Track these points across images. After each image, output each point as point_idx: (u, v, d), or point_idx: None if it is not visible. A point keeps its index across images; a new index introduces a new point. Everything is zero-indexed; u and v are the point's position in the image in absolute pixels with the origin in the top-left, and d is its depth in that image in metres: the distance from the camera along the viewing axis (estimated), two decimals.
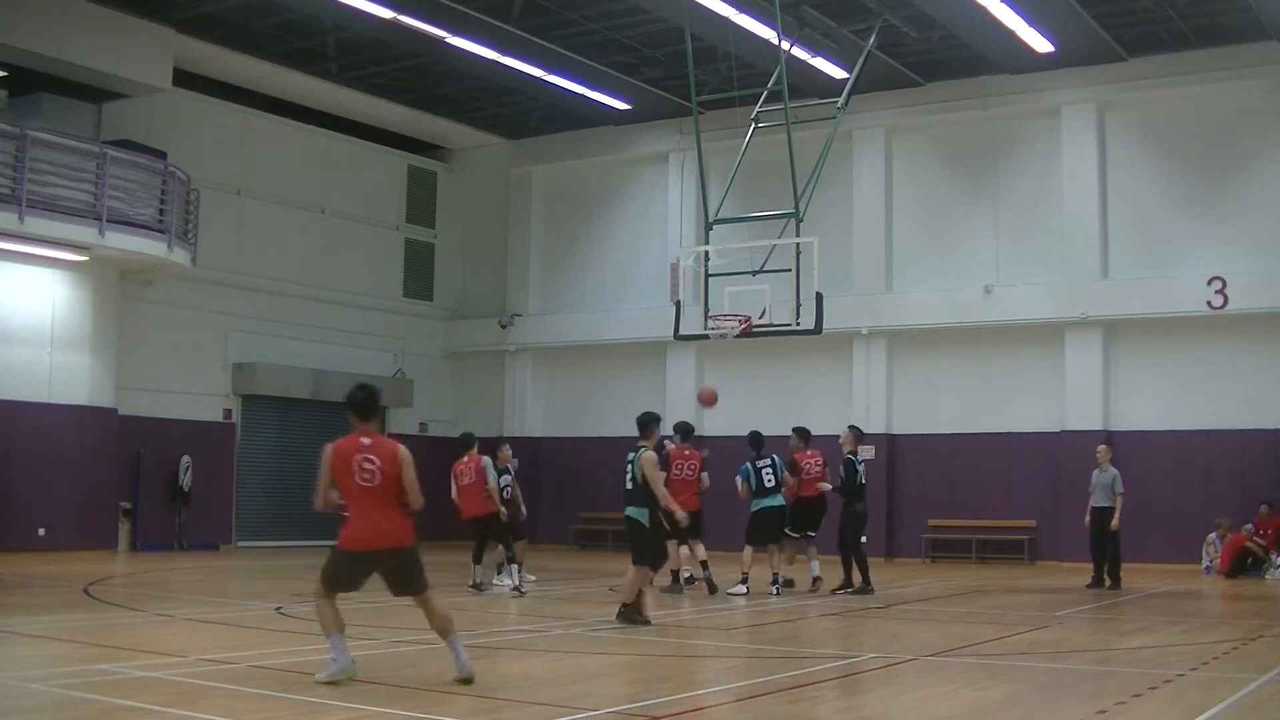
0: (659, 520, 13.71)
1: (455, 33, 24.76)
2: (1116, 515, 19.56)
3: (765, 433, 28.19)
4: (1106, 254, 26.09)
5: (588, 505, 30.66)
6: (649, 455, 13.56)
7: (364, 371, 30.17)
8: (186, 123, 27.13)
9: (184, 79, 26.09)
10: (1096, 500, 19.83)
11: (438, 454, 31.89)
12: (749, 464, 17.81)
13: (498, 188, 33.33)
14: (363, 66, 27.90)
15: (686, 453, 17.80)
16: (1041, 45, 24.56)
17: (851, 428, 18.93)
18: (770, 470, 17.85)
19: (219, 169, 27.67)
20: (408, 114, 30.74)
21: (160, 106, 26.32)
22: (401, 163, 32.65)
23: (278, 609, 14.15)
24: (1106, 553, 19.78)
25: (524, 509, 19.74)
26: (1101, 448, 20.42)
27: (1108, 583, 19.65)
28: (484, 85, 28.88)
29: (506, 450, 19.38)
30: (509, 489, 18.69)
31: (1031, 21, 23.50)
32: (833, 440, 19.99)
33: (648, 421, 13.95)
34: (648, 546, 13.65)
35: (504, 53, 25.82)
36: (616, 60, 26.94)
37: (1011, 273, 26.81)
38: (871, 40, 23.33)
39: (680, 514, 14.33)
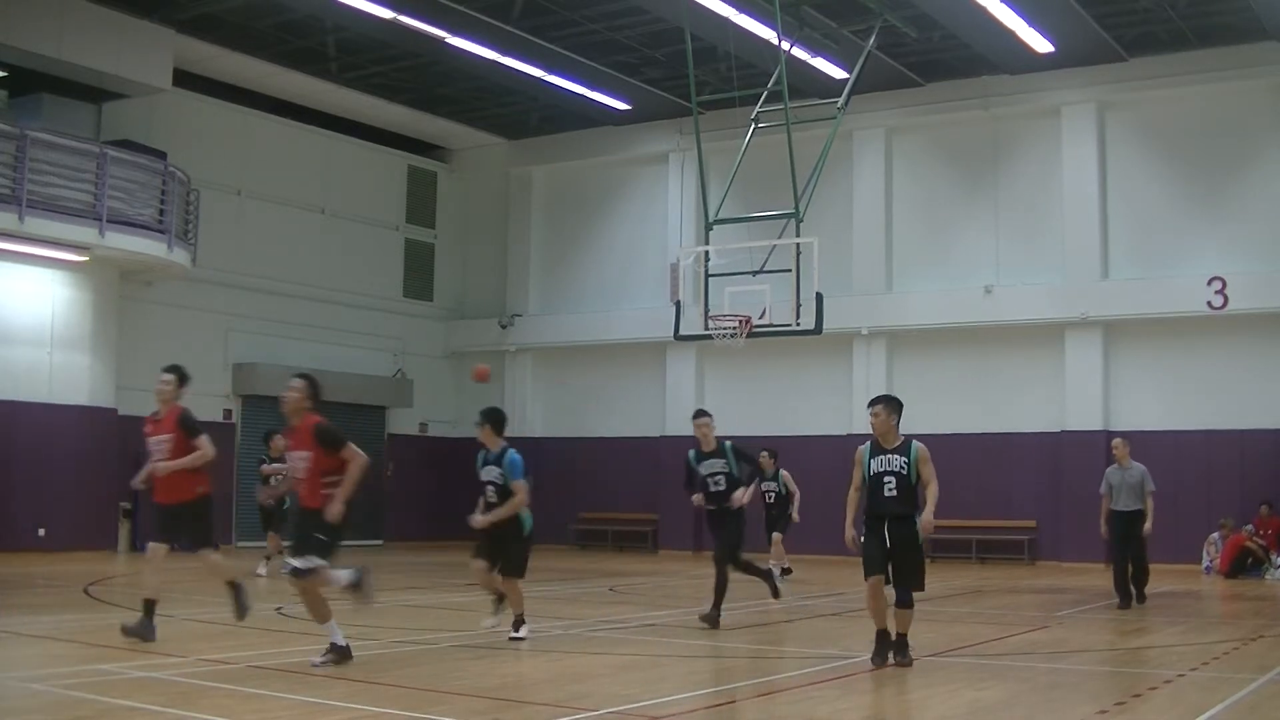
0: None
1: (455, 33, 24.75)
2: (1149, 519, 16.51)
3: (768, 433, 28.41)
4: (1106, 254, 26.09)
5: (588, 505, 30.68)
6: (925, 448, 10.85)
7: (364, 372, 30.25)
8: (186, 123, 27.13)
9: (184, 79, 26.09)
10: (1120, 503, 16.60)
11: (438, 454, 32.06)
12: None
13: (498, 188, 33.33)
14: (363, 66, 27.90)
15: None
16: (1041, 45, 24.56)
17: (708, 414, 14.24)
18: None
19: (219, 169, 27.67)
20: (408, 114, 30.74)
21: (160, 107, 26.32)
22: (401, 163, 32.65)
23: (277, 609, 14.15)
24: (1132, 561, 16.64)
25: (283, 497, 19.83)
26: (1118, 442, 17.17)
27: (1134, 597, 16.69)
28: (484, 85, 28.87)
29: (280, 441, 19.61)
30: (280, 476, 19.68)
31: (1031, 21, 23.50)
32: (836, 440, 20.03)
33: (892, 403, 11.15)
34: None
35: (504, 53, 25.82)
36: (616, 60, 26.94)
37: (1011, 273, 26.81)
38: (871, 40, 23.34)
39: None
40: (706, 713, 8.63)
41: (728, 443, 13.72)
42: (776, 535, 20.29)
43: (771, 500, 20.25)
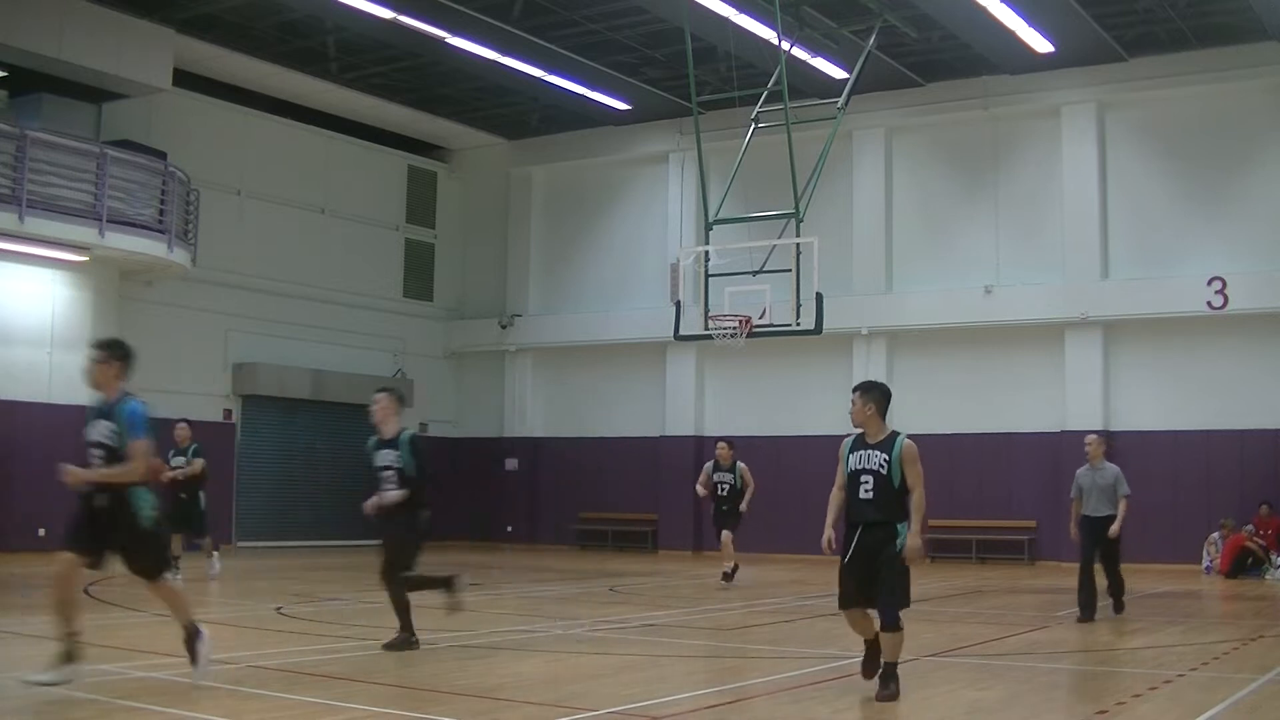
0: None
1: (455, 33, 24.75)
2: (1118, 521, 14.83)
3: (768, 433, 28.36)
4: (1106, 254, 26.10)
5: (588, 505, 30.68)
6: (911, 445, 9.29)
7: (364, 372, 30.26)
8: (186, 123, 27.11)
9: (184, 79, 26.07)
10: (1090, 507, 15.06)
11: (439, 453, 32.05)
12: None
13: (498, 188, 33.32)
14: (363, 66, 27.89)
15: None
16: (1041, 45, 24.56)
17: (388, 391, 11.83)
18: None
19: (219, 169, 27.66)
20: (408, 114, 30.73)
21: (160, 107, 26.30)
22: (401, 163, 32.64)
23: (278, 609, 14.16)
24: (1106, 570, 15.09)
25: (202, 497, 19.38)
26: (1092, 438, 15.58)
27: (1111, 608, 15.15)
28: (484, 85, 28.87)
29: (184, 429, 19.31)
30: (182, 471, 18.91)
31: (1031, 22, 23.50)
32: (835, 440, 19.91)
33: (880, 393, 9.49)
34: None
35: (504, 53, 25.83)
36: (616, 60, 26.93)
37: (1012, 273, 26.81)
38: (871, 40, 23.34)
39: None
40: (706, 713, 8.63)
41: (407, 432, 11.42)
42: (726, 534, 19.07)
43: (724, 494, 19.07)
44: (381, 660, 10.56)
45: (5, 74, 24.49)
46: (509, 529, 31.74)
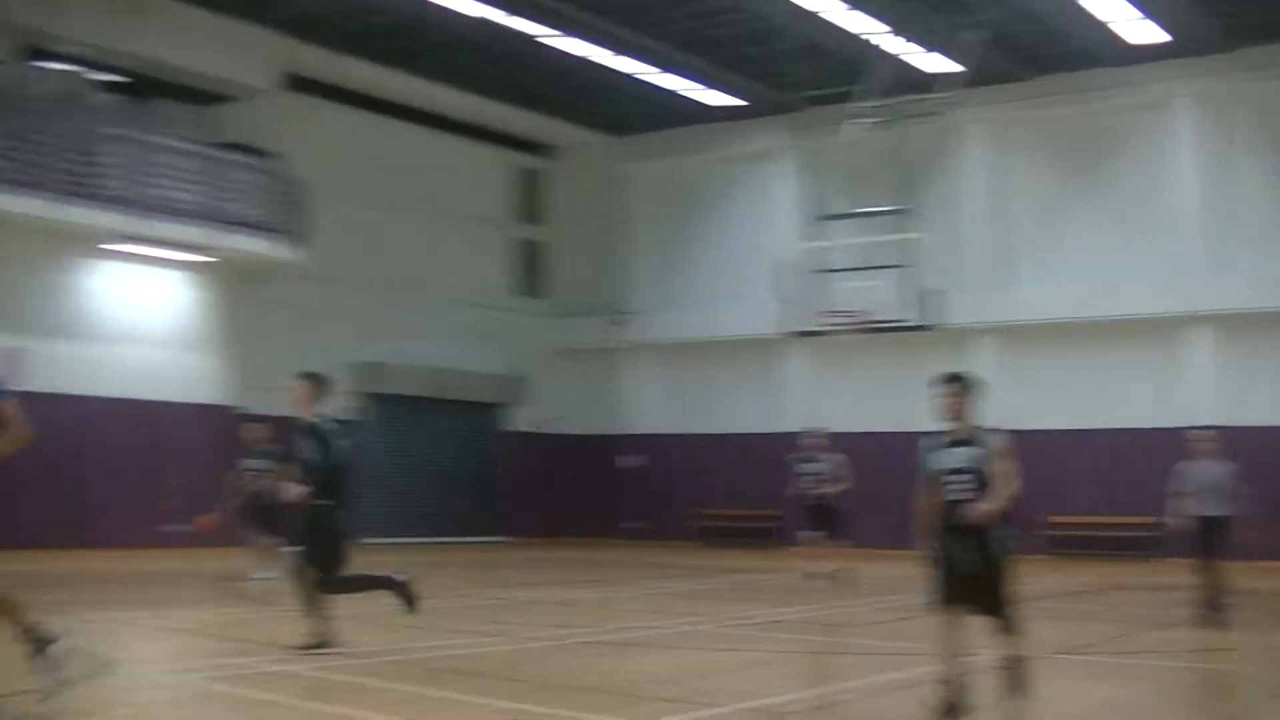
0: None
1: (564, 31, 24.87)
2: (1249, 524, 13.77)
3: (883, 429, 27.92)
4: (1220, 248, 25.51)
5: (709, 501, 30.61)
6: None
7: (479, 370, 30.50)
8: (298, 126, 27.34)
9: (294, 83, 26.53)
10: (1206, 506, 13.78)
11: (552, 451, 32.16)
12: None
13: (604, 185, 33.40)
14: (467, 66, 27.93)
15: None
16: (1152, 36, 24.13)
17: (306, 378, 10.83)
18: None
19: (330, 171, 27.80)
20: (513, 113, 30.72)
21: (272, 110, 26.59)
22: (509, 161, 32.77)
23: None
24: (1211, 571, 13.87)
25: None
26: (1205, 434, 14.42)
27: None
28: (586, 82, 28.83)
29: (259, 428, 16.98)
30: (251, 473, 16.36)
31: (1143, 12, 23.11)
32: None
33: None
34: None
35: (613, 50, 25.86)
36: (722, 57, 26.83)
37: (1125, 268, 26.30)
38: (979, 35, 23.08)
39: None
40: (833, 709, 8.65)
41: (319, 421, 10.46)
42: (805, 535, 18.19)
43: (813, 487, 18.24)
44: (516, 656, 10.69)
45: (128, 80, 25.13)
46: (627, 525, 31.80)
